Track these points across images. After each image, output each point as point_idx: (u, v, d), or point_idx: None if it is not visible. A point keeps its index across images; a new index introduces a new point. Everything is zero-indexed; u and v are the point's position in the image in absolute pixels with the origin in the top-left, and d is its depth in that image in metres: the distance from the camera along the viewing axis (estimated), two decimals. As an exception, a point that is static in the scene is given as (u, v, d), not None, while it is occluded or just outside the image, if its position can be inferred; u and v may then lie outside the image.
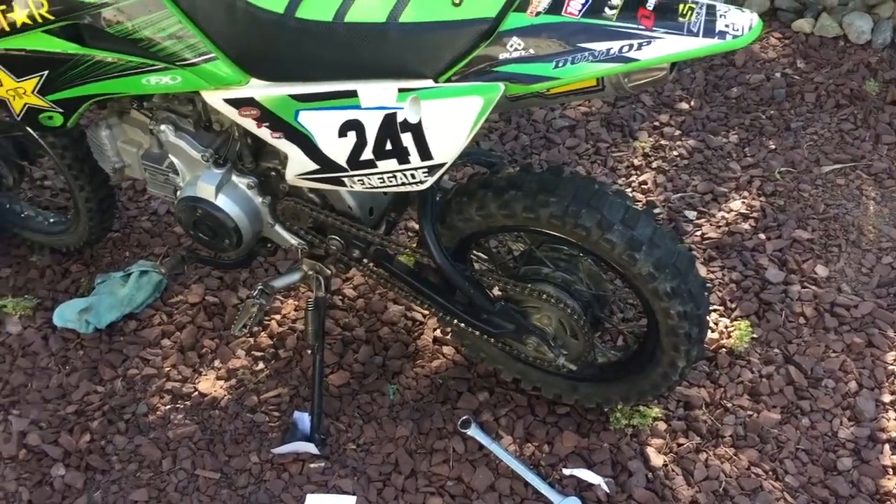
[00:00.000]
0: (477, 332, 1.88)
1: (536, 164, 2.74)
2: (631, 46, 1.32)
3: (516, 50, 1.38)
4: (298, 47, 1.52)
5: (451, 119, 1.44)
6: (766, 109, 2.91)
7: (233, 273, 2.44)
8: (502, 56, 1.39)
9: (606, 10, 1.36)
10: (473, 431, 2.01)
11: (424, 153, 1.50)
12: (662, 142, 2.82)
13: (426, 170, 1.54)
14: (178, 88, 1.66)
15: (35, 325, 2.33)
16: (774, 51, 3.15)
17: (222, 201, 1.83)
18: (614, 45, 1.33)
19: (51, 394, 2.17)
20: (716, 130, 2.84)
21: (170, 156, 1.88)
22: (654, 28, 1.33)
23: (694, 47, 1.31)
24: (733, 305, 2.28)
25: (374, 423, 2.08)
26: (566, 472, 1.95)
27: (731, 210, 2.55)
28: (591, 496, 1.91)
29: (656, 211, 2.57)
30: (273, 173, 1.84)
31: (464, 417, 2.04)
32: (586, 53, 1.34)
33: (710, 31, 1.31)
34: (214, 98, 1.64)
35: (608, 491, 1.91)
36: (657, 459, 1.97)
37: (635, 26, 1.33)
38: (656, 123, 2.88)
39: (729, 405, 2.07)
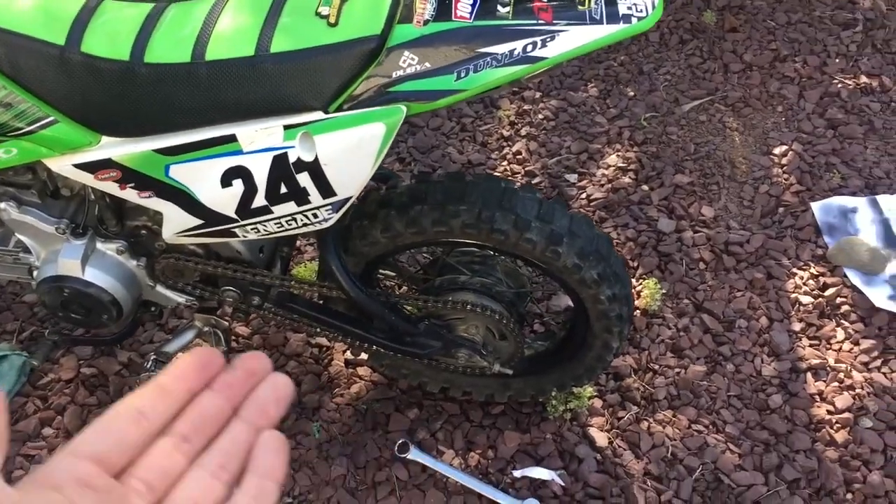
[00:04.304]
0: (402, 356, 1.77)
1: (410, 162, 2.62)
2: (535, 45, 1.22)
3: (410, 65, 1.25)
4: (155, 96, 1.32)
5: (351, 151, 1.30)
6: (615, 56, 2.91)
7: (107, 336, 2.19)
8: (396, 74, 1.25)
9: (499, 7, 1.25)
10: (414, 454, 1.91)
11: (326, 191, 1.36)
12: (525, 107, 2.76)
13: (329, 207, 1.39)
14: (16, 161, 1.42)
15: None
16: (609, -6, 3.15)
17: (91, 274, 1.61)
18: (517, 46, 1.23)
19: (-74, 523, 1.89)
20: (574, 86, 2.81)
21: (17, 234, 1.63)
22: (554, 21, 1.23)
23: (600, 36, 1.22)
24: (635, 264, 2.28)
25: (306, 468, 1.93)
26: (517, 473, 1.89)
27: (609, 165, 2.54)
28: (547, 493, 1.86)
29: (537, 180, 2.52)
30: (144, 231, 1.63)
31: (400, 441, 1.93)
32: (488, 58, 1.23)
33: (613, 16, 1.23)
34: (62, 165, 1.41)
35: (563, 483, 1.87)
36: (602, 439, 1.94)
37: (534, 22, 1.23)
38: (515, 89, 2.82)
39: (656, 367, 2.06)
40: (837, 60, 2.83)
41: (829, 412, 1.96)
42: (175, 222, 1.46)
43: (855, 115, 2.65)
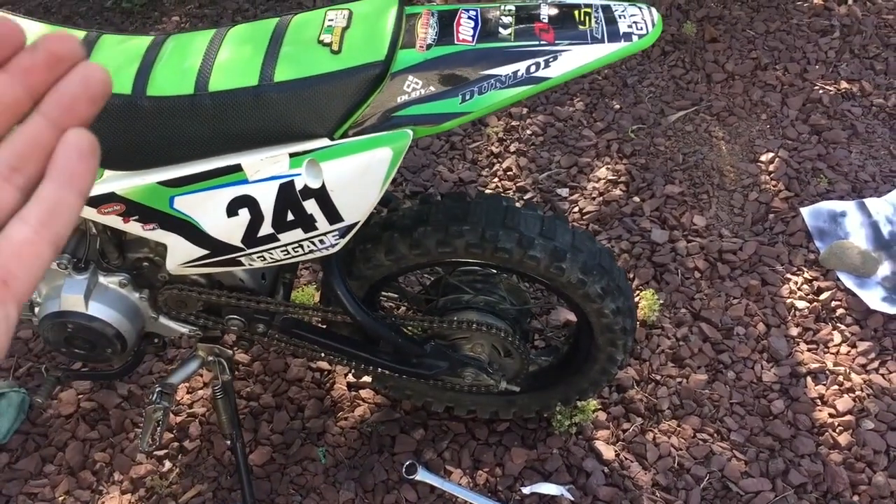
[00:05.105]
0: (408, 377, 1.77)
1: (402, 182, 2.63)
2: (538, 65, 1.24)
3: (415, 90, 1.26)
4: (158, 129, 1.32)
5: (358, 177, 1.30)
6: (599, 70, 2.94)
7: (106, 369, 2.17)
8: (401, 99, 1.26)
9: (501, 30, 1.27)
10: (421, 475, 1.91)
11: (333, 217, 1.36)
12: (513, 123, 2.78)
13: (336, 233, 1.39)
14: (17, 198, 1.41)
15: None
16: (590, 9, 3.18)
17: (95, 309, 1.60)
18: (520, 67, 1.24)
19: (-71, 567, 1.86)
20: (560, 101, 2.84)
21: (17, 272, 1.62)
22: (556, 41, 1.25)
23: (603, 54, 1.24)
24: (631, 275, 2.29)
25: (314, 494, 1.92)
26: (525, 490, 1.89)
27: (600, 178, 2.56)
28: (557, 508, 1.87)
29: (528, 196, 2.54)
30: (146, 263, 1.62)
31: (407, 462, 1.93)
32: (492, 80, 1.24)
33: (614, 34, 1.25)
34: (64, 201, 1.41)
35: (572, 498, 1.87)
36: (608, 452, 1.94)
37: (536, 43, 1.25)
38: (502, 105, 2.84)
39: (658, 377, 2.08)
40: (817, 67, 2.88)
41: (830, 415, 1.98)
42: (180, 253, 1.46)
43: (838, 120, 2.69)
